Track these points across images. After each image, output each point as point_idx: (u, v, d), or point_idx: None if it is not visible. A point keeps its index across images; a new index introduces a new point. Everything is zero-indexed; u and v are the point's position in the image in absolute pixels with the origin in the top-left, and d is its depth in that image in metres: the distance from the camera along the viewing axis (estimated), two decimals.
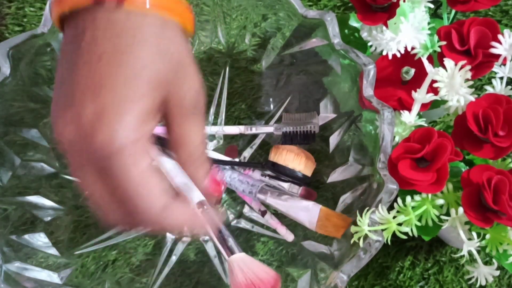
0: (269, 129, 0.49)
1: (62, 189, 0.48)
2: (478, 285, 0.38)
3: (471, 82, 0.38)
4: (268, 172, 0.52)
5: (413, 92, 0.40)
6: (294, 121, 0.49)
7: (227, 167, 0.49)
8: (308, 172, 0.47)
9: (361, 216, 0.36)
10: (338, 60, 0.44)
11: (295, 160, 0.46)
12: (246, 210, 0.51)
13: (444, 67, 0.39)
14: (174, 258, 0.49)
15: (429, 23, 0.41)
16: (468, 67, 0.38)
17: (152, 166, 0.27)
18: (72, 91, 0.26)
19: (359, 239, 0.36)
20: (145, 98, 0.27)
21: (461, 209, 0.36)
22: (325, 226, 0.41)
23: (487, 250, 0.37)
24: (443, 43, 0.40)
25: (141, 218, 0.27)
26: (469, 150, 0.38)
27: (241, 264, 0.41)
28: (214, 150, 0.52)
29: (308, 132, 0.48)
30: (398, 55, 0.41)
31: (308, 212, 0.42)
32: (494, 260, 0.39)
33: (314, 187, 0.49)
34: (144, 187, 0.27)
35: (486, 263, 0.49)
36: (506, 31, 0.39)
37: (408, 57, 0.41)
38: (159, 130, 0.41)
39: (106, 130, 0.25)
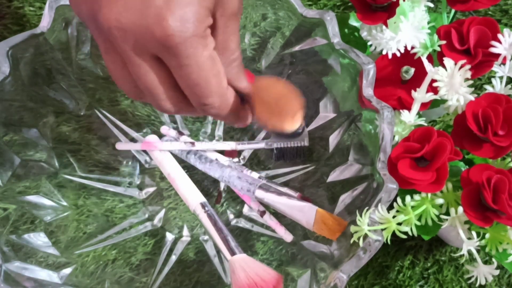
0: (260, 145, 0.50)
1: (62, 189, 0.48)
2: (477, 284, 0.38)
3: (470, 82, 0.38)
4: (265, 173, 0.52)
5: (412, 91, 0.40)
6: (284, 135, 0.49)
7: (225, 164, 0.49)
8: (284, 128, 0.36)
9: (360, 215, 0.36)
10: (338, 59, 0.44)
11: (271, 116, 0.36)
12: (245, 209, 0.51)
13: (443, 66, 0.39)
14: (173, 258, 0.49)
15: (429, 22, 0.41)
16: (468, 66, 0.38)
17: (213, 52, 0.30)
18: None
19: (358, 238, 0.36)
20: None
21: (460, 209, 0.36)
22: (321, 229, 0.41)
23: (487, 250, 0.37)
24: (443, 42, 0.40)
25: (211, 99, 0.31)
26: (469, 150, 0.38)
27: (243, 264, 0.41)
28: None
29: (298, 148, 0.49)
30: (398, 54, 0.41)
31: (304, 213, 0.42)
32: (493, 259, 0.39)
33: (314, 187, 0.49)
34: (214, 69, 0.30)
35: (485, 262, 0.49)
36: (505, 31, 0.39)
37: (407, 57, 0.41)
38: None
39: (178, 18, 0.27)
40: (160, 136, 0.51)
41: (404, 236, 0.36)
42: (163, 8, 0.27)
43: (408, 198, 0.37)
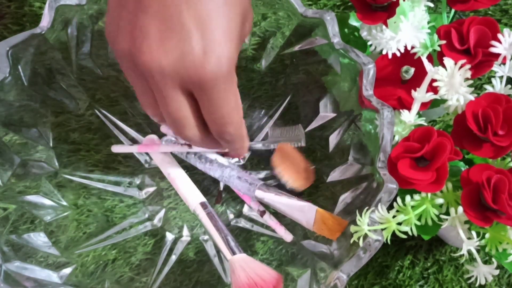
0: (258, 145, 0.50)
1: (62, 188, 0.48)
2: (477, 284, 0.38)
3: (470, 81, 0.38)
4: (265, 173, 0.52)
5: (412, 91, 0.40)
6: (281, 136, 0.50)
7: (225, 164, 0.49)
8: (299, 188, 0.47)
9: (360, 215, 0.36)
10: (338, 59, 0.44)
11: (292, 176, 0.47)
12: (245, 209, 0.51)
13: (443, 66, 0.39)
14: (173, 258, 0.49)
15: (429, 22, 0.41)
16: (468, 66, 0.38)
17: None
18: (174, 23, 0.30)
19: (358, 238, 0.36)
20: (238, 37, 0.32)
21: (460, 208, 0.36)
22: (321, 228, 0.41)
23: (487, 249, 0.37)
24: (443, 42, 0.40)
25: (230, 127, 0.35)
26: (469, 149, 0.38)
27: (243, 264, 0.41)
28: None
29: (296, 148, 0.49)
30: (398, 54, 0.41)
31: (304, 213, 0.42)
32: (493, 259, 0.39)
33: (314, 187, 0.49)
34: (236, 103, 0.34)
35: (485, 262, 0.49)
36: (505, 30, 0.39)
37: (407, 56, 0.41)
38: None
39: (214, 65, 0.30)
40: (160, 135, 0.51)
41: (404, 236, 0.36)
42: (200, 56, 0.30)
43: (408, 198, 0.37)
